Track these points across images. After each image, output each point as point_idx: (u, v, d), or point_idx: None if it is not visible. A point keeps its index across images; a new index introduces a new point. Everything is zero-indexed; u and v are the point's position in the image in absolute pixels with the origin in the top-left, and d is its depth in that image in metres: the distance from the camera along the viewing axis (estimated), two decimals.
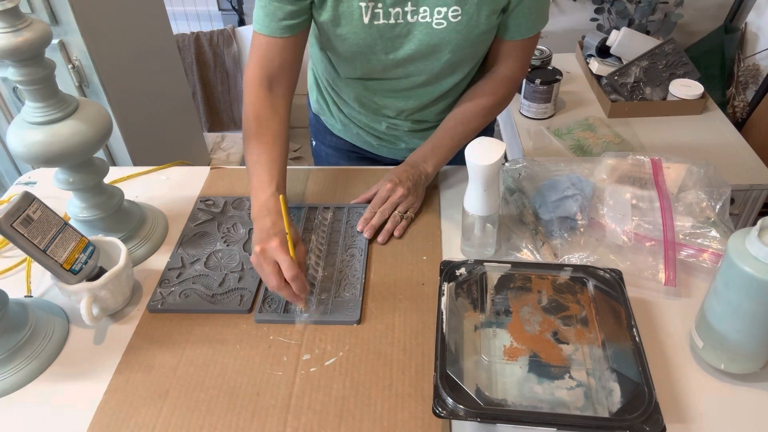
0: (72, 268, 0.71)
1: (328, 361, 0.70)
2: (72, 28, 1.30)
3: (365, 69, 0.90)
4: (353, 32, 0.82)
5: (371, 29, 0.81)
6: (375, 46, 0.84)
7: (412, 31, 0.82)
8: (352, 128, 1.07)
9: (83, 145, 0.75)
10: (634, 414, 0.57)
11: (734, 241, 0.60)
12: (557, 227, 0.83)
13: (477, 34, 0.83)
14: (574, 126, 1.63)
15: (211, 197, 0.96)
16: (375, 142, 1.07)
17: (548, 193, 0.86)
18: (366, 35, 0.82)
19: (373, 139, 1.07)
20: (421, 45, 0.83)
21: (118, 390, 0.68)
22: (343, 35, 0.83)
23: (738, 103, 1.96)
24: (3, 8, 0.65)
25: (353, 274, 0.80)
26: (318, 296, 0.77)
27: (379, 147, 1.09)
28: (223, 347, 0.73)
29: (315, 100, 1.10)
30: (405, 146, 1.07)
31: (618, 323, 0.67)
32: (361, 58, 0.87)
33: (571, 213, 0.83)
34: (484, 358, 0.66)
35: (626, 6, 2.04)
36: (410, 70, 0.89)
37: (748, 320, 0.61)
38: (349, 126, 1.07)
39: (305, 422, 0.64)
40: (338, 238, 0.86)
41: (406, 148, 1.06)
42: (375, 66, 0.88)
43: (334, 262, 0.82)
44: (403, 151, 1.07)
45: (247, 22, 2.43)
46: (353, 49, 0.85)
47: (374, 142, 1.08)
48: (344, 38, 0.83)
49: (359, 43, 0.83)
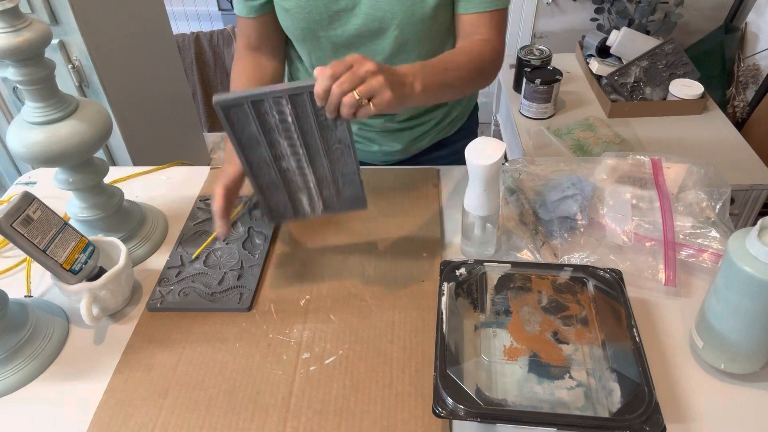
0: (72, 268, 0.71)
1: (328, 360, 0.70)
2: (72, 28, 1.30)
3: (317, 53, 0.91)
4: (298, 4, 0.84)
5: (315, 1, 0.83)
6: (321, 21, 0.85)
7: (358, 5, 0.83)
8: None
9: (83, 145, 0.75)
10: (634, 414, 0.57)
11: (734, 241, 0.60)
12: (557, 227, 0.83)
13: (424, 8, 0.83)
14: (574, 126, 1.63)
15: (210, 196, 0.96)
16: (373, 147, 1.06)
17: (548, 193, 0.86)
18: (310, 7, 0.84)
19: (370, 144, 1.05)
20: (366, 19, 0.84)
21: (118, 389, 0.68)
22: (288, 8, 0.85)
23: (738, 103, 1.96)
24: (3, 8, 0.65)
25: (349, 171, 0.73)
26: (320, 195, 0.76)
27: (377, 153, 1.07)
28: (223, 346, 0.73)
29: None
30: (379, 148, 1.06)
31: (618, 323, 0.67)
32: (309, 38, 0.88)
33: (571, 213, 0.83)
34: (484, 358, 0.66)
35: (626, 6, 2.04)
36: (361, 51, 0.87)
37: (748, 320, 0.61)
38: None
39: (305, 421, 0.64)
40: (312, 133, 0.70)
41: (381, 150, 1.05)
42: (325, 47, 0.89)
43: (322, 163, 0.72)
44: (378, 153, 1.07)
45: None
46: (301, 24, 0.86)
47: (372, 148, 1.06)
48: (290, 12, 0.85)
49: (305, 17, 0.85)
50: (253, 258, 0.84)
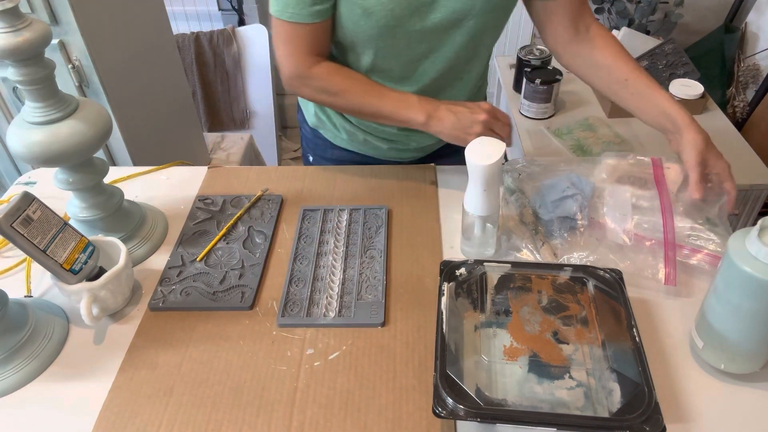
0: (72, 268, 0.71)
1: (332, 355, 0.71)
2: (72, 28, 1.29)
3: (384, 51, 0.87)
4: (380, 2, 0.79)
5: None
6: (402, 17, 0.81)
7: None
8: (359, 135, 1.03)
9: (83, 145, 0.75)
10: (634, 414, 0.57)
11: (734, 241, 0.60)
12: (557, 227, 0.83)
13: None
14: (574, 126, 1.63)
15: (209, 196, 0.96)
16: (385, 145, 1.04)
17: (548, 192, 0.86)
18: (393, 4, 0.80)
19: (383, 142, 1.03)
20: (447, 11, 0.82)
21: (123, 388, 0.68)
22: (369, 8, 0.80)
23: (738, 103, 1.96)
24: (3, 8, 0.65)
25: (374, 276, 0.80)
26: (339, 299, 0.77)
27: (388, 150, 1.05)
28: (226, 344, 0.73)
29: (312, 114, 1.05)
30: (416, 145, 1.04)
31: (618, 323, 0.67)
32: (384, 35, 0.84)
33: (570, 213, 0.83)
34: (484, 358, 0.66)
35: (626, 6, 2.04)
36: (433, 44, 0.86)
37: (748, 320, 0.61)
38: (355, 134, 1.03)
39: (311, 416, 0.65)
40: (356, 239, 0.86)
41: (417, 147, 1.04)
42: (398, 44, 0.86)
43: (354, 264, 0.82)
44: (411, 151, 1.05)
45: (247, 22, 2.43)
46: (381, 22, 0.82)
47: (384, 146, 1.04)
48: (370, 12, 0.81)
49: (387, 14, 0.81)
50: (254, 257, 0.84)
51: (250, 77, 2.42)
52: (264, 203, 0.94)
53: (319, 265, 0.83)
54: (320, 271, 0.82)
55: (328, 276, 0.81)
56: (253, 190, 0.97)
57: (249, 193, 0.96)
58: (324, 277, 0.81)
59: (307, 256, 0.84)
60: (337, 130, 1.04)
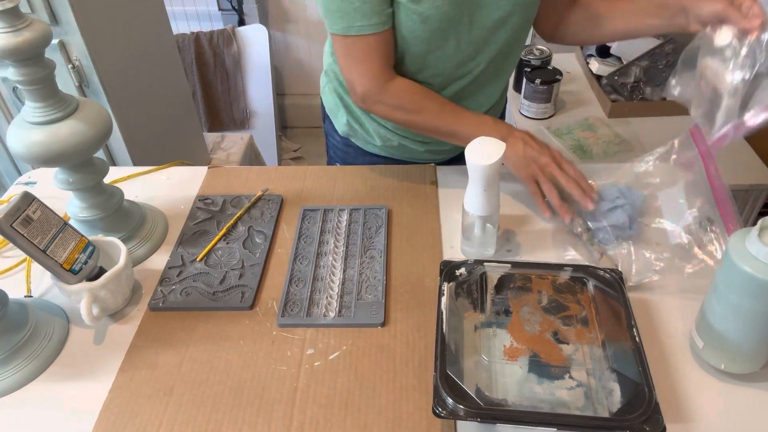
0: (72, 268, 0.71)
1: (332, 355, 0.71)
2: (72, 28, 1.29)
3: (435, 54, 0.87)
4: (434, 5, 0.79)
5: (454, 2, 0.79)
6: (454, 18, 0.81)
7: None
8: (394, 141, 1.01)
9: (83, 145, 0.75)
10: (634, 414, 0.57)
11: (734, 241, 0.60)
12: (609, 236, 0.82)
13: None
14: (574, 126, 1.64)
15: (209, 196, 0.96)
16: (421, 147, 1.02)
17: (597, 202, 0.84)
18: (449, 7, 0.79)
19: (419, 145, 1.02)
20: (497, 10, 0.83)
21: (123, 388, 0.68)
22: (424, 13, 0.79)
23: None
24: (3, 8, 0.65)
25: (374, 276, 0.80)
26: (340, 299, 0.77)
27: (423, 152, 1.03)
28: (227, 344, 0.73)
29: (344, 123, 1.03)
30: (451, 146, 1.01)
31: (618, 323, 0.67)
32: (435, 39, 0.84)
33: (620, 222, 0.82)
34: (484, 358, 0.66)
35: None
36: (479, 45, 0.87)
37: (748, 320, 0.61)
38: (390, 139, 1.01)
39: (311, 416, 0.65)
40: (356, 239, 0.86)
41: (452, 147, 1.02)
42: (449, 46, 0.86)
43: (354, 264, 0.82)
44: (446, 153, 1.04)
45: (247, 22, 2.43)
46: (434, 26, 0.81)
47: (420, 148, 1.02)
48: (426, 17, 0.80)
49: (441, 18, 0.80)
50: (254, 257, 0.84)
51: (250, 77, 2.42)
52: (264, 203, 0.94)
53: (319, 265, 0.83)
54: (320, 271, 0.82)
55: (328, 276, 0.81)
56: (253, 190, 0.97)
57: (249, 193, 0.96)
58: (324, 277, 0.81)
59: (307, 256, 0.84)
60: (370, 136, 1.03)
